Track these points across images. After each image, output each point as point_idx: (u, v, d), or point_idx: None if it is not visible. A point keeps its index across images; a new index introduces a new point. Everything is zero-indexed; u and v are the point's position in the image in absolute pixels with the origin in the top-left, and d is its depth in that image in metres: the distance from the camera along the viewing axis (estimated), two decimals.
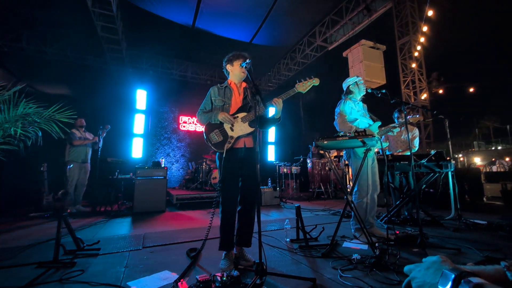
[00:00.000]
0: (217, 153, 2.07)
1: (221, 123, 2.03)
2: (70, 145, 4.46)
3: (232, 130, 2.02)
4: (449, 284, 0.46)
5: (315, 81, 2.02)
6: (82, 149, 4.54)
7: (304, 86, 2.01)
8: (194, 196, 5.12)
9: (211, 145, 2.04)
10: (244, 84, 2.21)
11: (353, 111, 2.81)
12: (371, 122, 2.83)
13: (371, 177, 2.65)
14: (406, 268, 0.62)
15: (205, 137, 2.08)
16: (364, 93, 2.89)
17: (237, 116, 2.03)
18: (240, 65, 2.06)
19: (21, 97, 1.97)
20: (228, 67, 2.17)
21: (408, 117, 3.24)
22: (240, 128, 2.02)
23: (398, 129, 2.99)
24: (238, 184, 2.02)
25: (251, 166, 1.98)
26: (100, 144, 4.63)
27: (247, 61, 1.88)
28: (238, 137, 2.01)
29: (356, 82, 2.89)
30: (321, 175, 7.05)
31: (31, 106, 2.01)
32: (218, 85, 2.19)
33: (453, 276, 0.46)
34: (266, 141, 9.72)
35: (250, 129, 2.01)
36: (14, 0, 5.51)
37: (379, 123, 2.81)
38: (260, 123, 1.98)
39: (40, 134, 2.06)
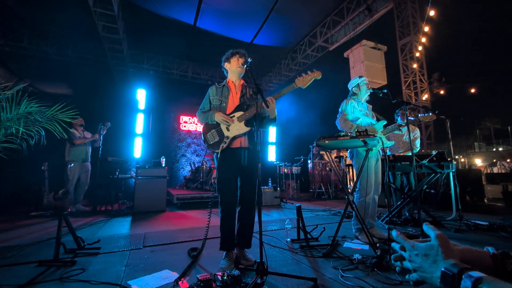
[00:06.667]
0: (215, 153, 2.03)
1: (218, 123, 2.00)
2: (71, 144, 4.44)
3: (228, 130, 1.98)
4: (450, 282, 0.47)
5: (317, 75, 1.91)
6: (82, 148, 4.53)
7: (304, 81, 1.90)
8: (194, 196, 5.11)
9: (208, 146, 2.03)
10: (242, 82, 2.16)
11: (355, 111, 2.81)
12: (374, 121, 2.82)
13: (373, 177, 2.63)
14: (393, 256, 0.62)
15: (202, 137, 2.07)
16: (368, 93, 2.89)
17: (234, 116, 1.98)
18: (241, 64, 2.04)
19: (24, 96, 1.97)
20: (226, 65, 2.15)
21: (420, 115, 3.20)
22: (236, 128, 1.97)
23: (405, 128, 2.94)
24: (236, 184, 1.99)
25: (249, 166, 1.97)
26: (100, 143, 4.62)
27: (249, 60, 1.87)
28: (234, 137, 1.97)
29: (358, 83, 2.91)
30: (322, 175, 7.05)
31: (32, 106, 2.01)
32: (216, 84, 2.16)
33: (455, 271, 0.47)
34: (266, 141, 9.71)
35: (246, 129, 1.96)
36: (16, 0, 5.53)
37: (384, 122, 2.79)
38: (258, 121, 1.96)
39: (43, 133, 2.06)
